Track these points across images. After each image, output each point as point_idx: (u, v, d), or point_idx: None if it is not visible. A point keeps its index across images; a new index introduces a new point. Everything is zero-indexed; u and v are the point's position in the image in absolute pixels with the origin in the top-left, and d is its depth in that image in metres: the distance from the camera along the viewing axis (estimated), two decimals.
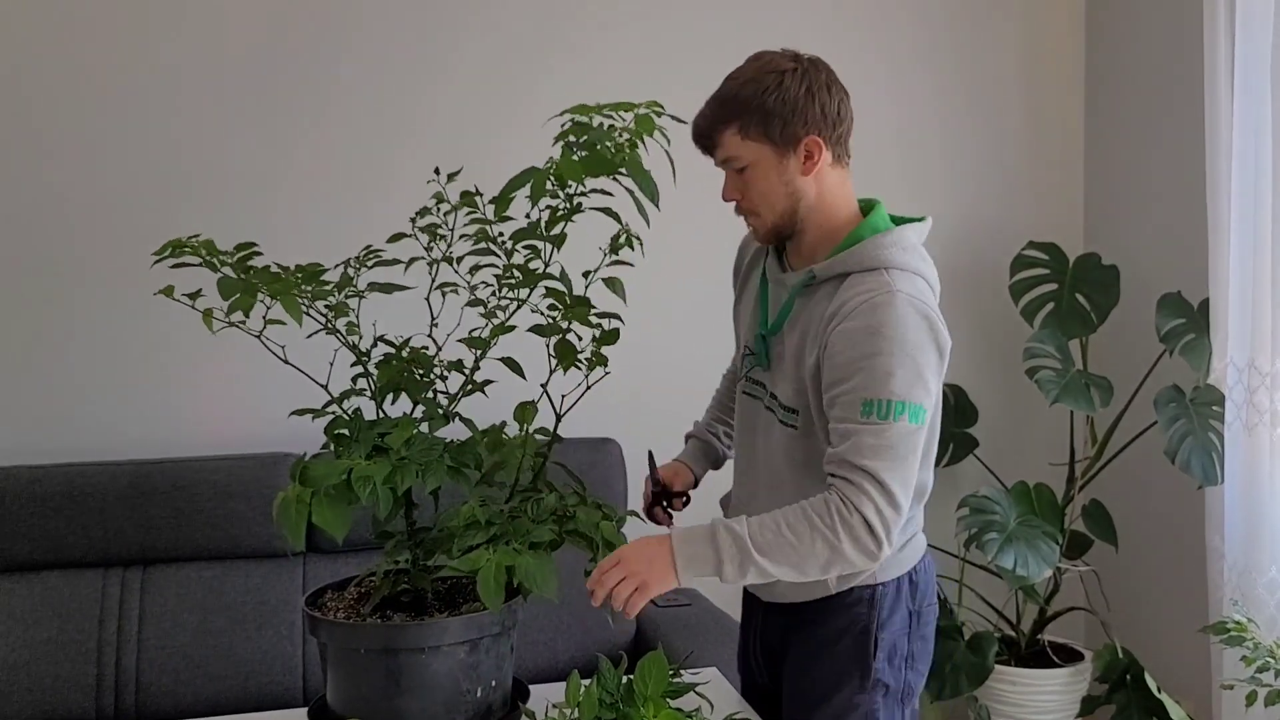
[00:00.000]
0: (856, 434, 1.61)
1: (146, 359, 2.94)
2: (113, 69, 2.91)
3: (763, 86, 1.72)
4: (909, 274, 1.71)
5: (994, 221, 3.51)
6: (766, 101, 1.71)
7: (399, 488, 1.69)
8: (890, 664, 1.83)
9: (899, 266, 1.70)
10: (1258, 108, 2.71)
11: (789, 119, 1.72)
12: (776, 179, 1.75)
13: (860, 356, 1.62)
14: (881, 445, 1.60)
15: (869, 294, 1.65)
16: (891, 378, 1.60)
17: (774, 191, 1.76)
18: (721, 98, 1.76)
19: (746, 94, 1.73)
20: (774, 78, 1.72)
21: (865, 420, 1.61)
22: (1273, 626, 2.70)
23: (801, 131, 1.73)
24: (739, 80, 1.76)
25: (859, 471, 1.61)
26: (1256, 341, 2.75)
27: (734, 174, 1.78)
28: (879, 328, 1.62)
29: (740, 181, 1.77)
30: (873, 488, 1.60)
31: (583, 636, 2.79)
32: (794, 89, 1.72)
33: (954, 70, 3.47)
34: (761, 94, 1.72)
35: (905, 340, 1.62)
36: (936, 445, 1.79)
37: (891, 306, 1.63)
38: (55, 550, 2.65)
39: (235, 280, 1.76)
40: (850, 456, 1.61)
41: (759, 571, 1.61)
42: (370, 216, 2.44)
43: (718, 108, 1.76)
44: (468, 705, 1.73)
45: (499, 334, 1.85)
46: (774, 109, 1.71)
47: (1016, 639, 3.25)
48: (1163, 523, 3.30)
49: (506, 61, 3.13)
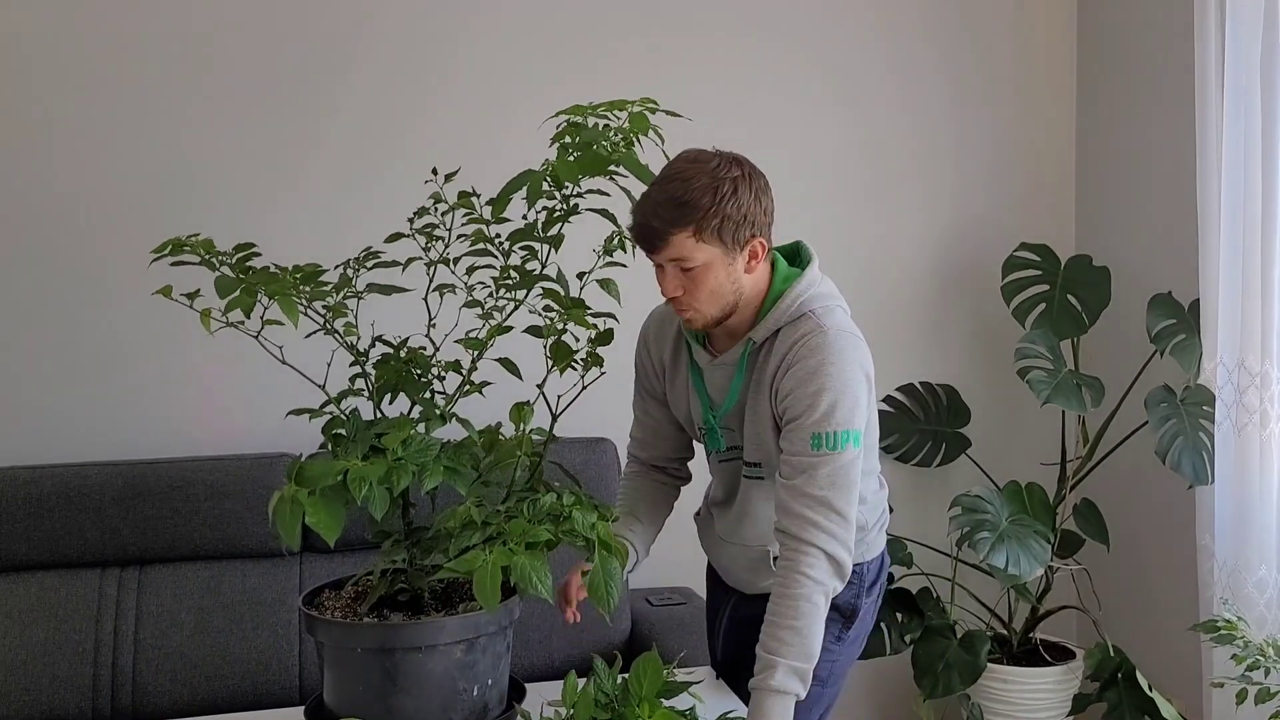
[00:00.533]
0: (810, 467, 1.81)
1: (143, 359, 2.94)
2: (112, 68, 2.91)
3: (720, 194, 1.79)
4: (828, 309, 1.90)
5: (986, 223, 3.53)
6: (725, 208, 1.80)
7: (395, 488, 1.69)
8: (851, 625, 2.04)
9: (820, 305, 1.89)
10: (1248, 109, 2.73)
11: (741, 224, 1.82)
12: (725, 278, 1.84)
13: (807, 395, 1.81)
14: (832, 473, 1.80)
15: (804, 338, 1.85)
16: (836, 409, 1.81)
17: (721, 289, 1.85)
18: (677, 201, 1.79)
19: (705, 201, 1.79)
20: (729, 185, 1.81)
21: (816, 453, 1.81)
22: (1262, 625, 2.71)
23: (749, 234, 1.84)
24: (691, 184, 1.80)
25: (812, 500, 1.79)
26: (1246, 342, 2.77)
27: (678, 271, 1.83)
28: (819, 367, 1.82)
29: (685, 279, 1.83)
30: (823, 516, 1.79)
31: (578, 635, 2.79)
32: (746, 197, 1.82)
33: (945, 72, 3.49)
34: (719, 201, 1.79)
35: (843, 374, 1.82)
36: (876, 431, 2.00)
37: (826, 346, 1.83)
38: (52, 550, 2.65)
39: (234, 280, 1.77)
40: (806, 487, 1.80)
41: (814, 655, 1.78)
42: (369, 218, 2.45)
43: (674, 210, 1.79)
44: (464, 704, 1.74)
45: (496, 335, 1.86)
46: (731, 214, 1.80)
47: (1009, 637, 3.27)
48: (1154, 522, 3.31)
49: (505, 63, 3.13)
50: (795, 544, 1.79)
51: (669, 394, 2.07)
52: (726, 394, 1.94)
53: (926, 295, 3.50)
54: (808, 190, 3.33)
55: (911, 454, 3.39)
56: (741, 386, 1.92)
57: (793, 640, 1.75)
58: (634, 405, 2.17)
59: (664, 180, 1.82)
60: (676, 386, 2.04)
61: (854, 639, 2.05)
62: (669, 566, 2.91)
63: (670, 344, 2.04)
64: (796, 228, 2.10)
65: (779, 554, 1.84)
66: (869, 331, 1.94)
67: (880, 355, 1.97)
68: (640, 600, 2.96)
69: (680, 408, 2.06)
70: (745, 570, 2.07)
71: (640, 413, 2.15)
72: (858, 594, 2.01)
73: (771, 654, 1.75)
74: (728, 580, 2.15)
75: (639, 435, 2.17)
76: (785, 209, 3.35)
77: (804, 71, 3.36)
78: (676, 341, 2.03)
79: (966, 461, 3.42)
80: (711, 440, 2.01)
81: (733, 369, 1.93)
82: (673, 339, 2.04)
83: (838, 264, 3.31)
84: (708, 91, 3.21)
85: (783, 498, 1.83)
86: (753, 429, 1.92)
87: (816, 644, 1.77)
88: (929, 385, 3.44)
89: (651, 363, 2.08)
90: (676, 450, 2.16)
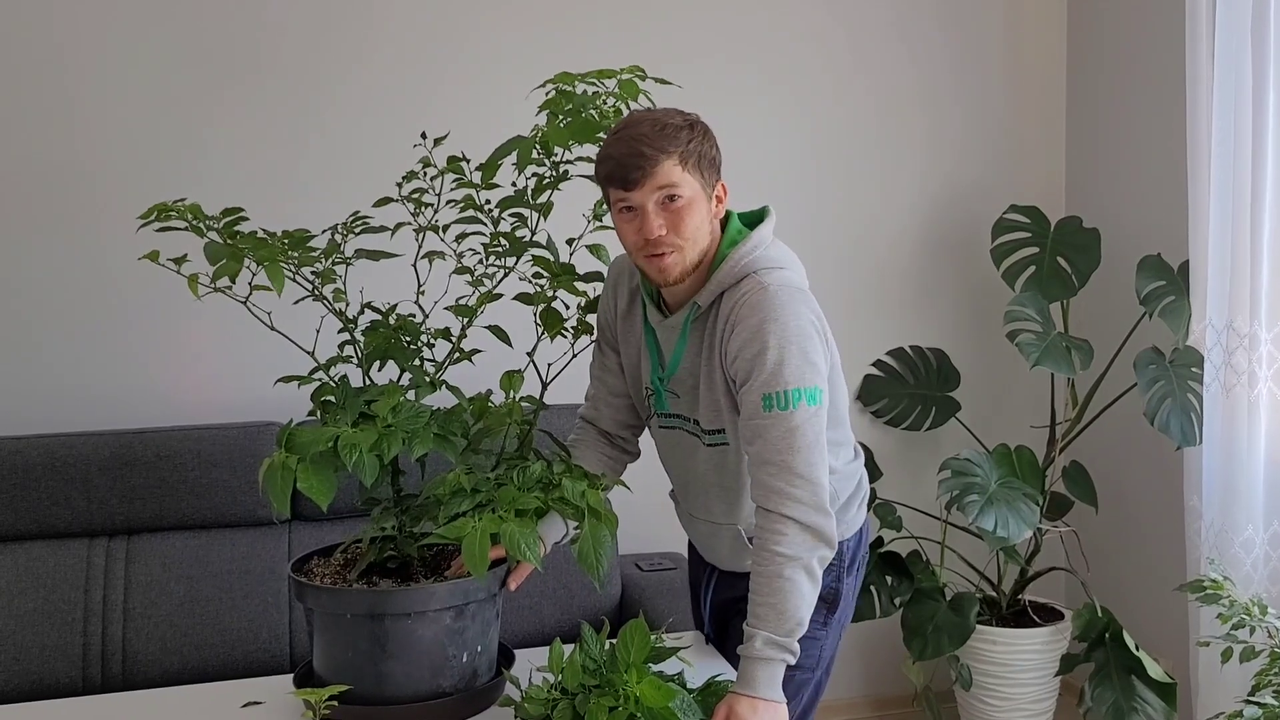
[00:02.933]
0: (765, 430, 1.75)
1: (130, 327, 2.92)
2: (97, 35, 2.87)
3: (695, 131, 1.80)
4: (772, 270, 1.83)
5: (976, 185, 3.52)
6: (702, 145, 1.80)
7: (385, 455, 1.69)
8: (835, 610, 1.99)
9: (763, 266, 1.83)
10: (1237, 72, 2.72)
11: (712, 163, 1.82)
12: (704, 216, 1.82)
13: (752, 355, 1.75)
14: (787, 434, 1.74)
15: (744, 296, 1.79)
16: (783, 367, 1.74)
17: (701, 229, 1.81)
18: (661, 129, 1.77)
19: (685, 135, 1.78)
20: (700, 127, 1.81)
21: (768, 414, 1.74)
22: (1248, 584, 2.73)
23: (715, 178, 1.84)
24: (667, 121, 1.78)
25: (772, 467, 1.74)
26: (1235, 303, 2.77)
27: (659, 209, 1.78)
28: (761, 324, 1.75)
29: (669, 216, 1.78)
30: (785, 482, 1.74)
31: (567, 601, 2.80)
32: (711, 139, 1.83)
33: (936, 34, 3.46)
34: (697, 136, 1.79)
35: (787, 329, 1.75)
36: (844, 400, 1.95)
37: (767, 303, 1.76)
38: (39, 521, 2.64)
39: (222, 246, 1.75)
40: (764, 453, 1.75)
41: (800, 624, 1.74)
42: (357, 183, 2.43)
43: (661, 137, 1.76)
44: (453, 670, 1.74)
45: (486, 302, 1.85)
46: (705, 152, 1.80)
47: (997, 599, 3.29)
48: (1142, 483, 3.33)
49: (494, 29, 3.10)
50: (764, 517, 1.75)
51: (621, 347, 2.02)
52: (671, 357, 1.90)
53: (916, 258, 3.49)
54: (798, 155, 3.32)
55: (901, 418, 3.40)
56: (686, 351, 1.88)
57: (771, 616, 1.72)
58: (591, 364, 2.09)
59: (634, 122, 1.79)
60: (629, 341, 1.99)
61: (839, 621, 2.02)
62: (659, 532, 2.92)
63: (626, 295, 1.99)
64: (786, 193, 2.09)
65: (755, 526, 1.79)
66: (859, 296, 1.93)
67: (869, 319, 1.96)
68: (630, 566, 2.97)
69: (630, 363, 2.00)
70: (721, 548, 2.03)
71: (598, 368, 2.07)
72: (838, 577, 1.97)
73: (753, 627, 1.73)
74: (707, 557, 2.12)
75: (594, 394, 2.08)
76: (775, 175, 3.35)
77: (793, 39, 3.34)
78: (632, 295, 1.98)
79: (956, 425, 3.42)
80: (657, 402, 1.96)
81: (678, 332, 1.89)
82: (629, 291, 1.98)
83: (828, 229, 3.34)
84: (697, 56, 3.19)
85: (749, 468, 1.79)
86: (709, 397, 1.87)
87: (802, 612, 1.74)
88: (918, 349, 3.44)
89: (610, 310, 2.02)
90: (631, 414, 2.08)
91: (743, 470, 1.89)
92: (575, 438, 2.08)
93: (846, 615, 2.04)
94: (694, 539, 2.15)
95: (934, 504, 3.25)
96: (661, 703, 1.61)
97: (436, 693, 1.73)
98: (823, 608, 1.89)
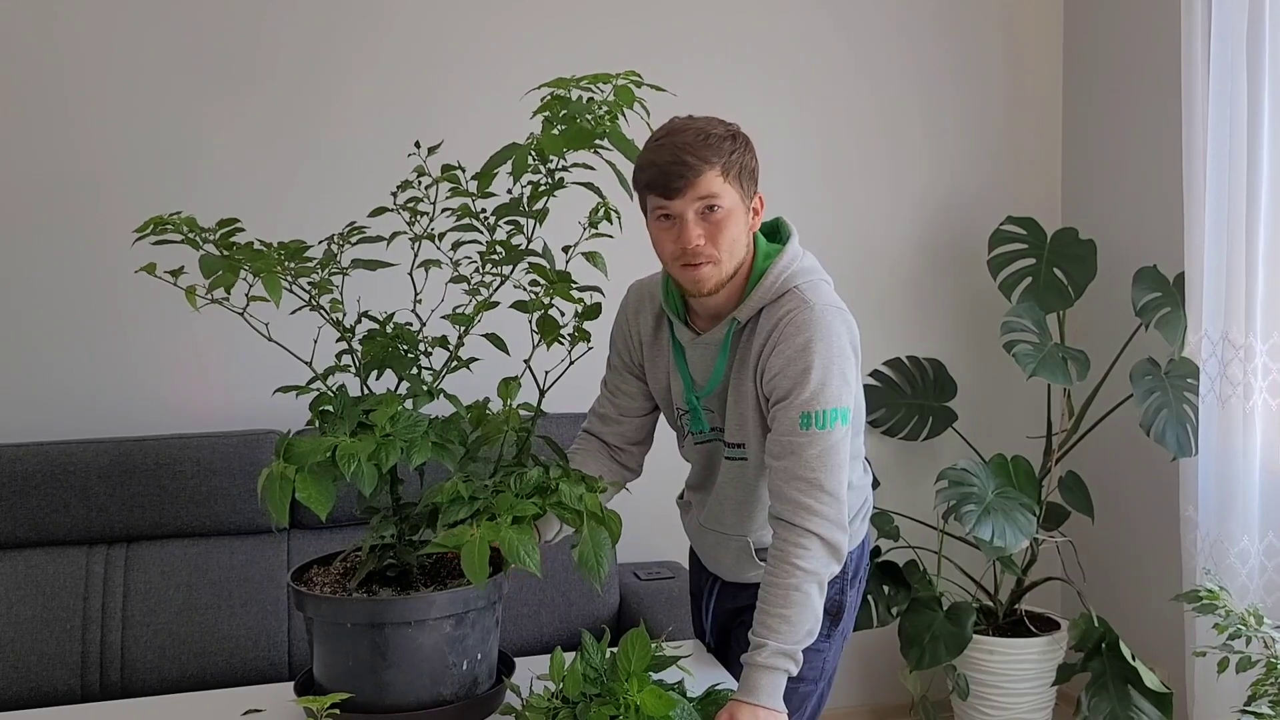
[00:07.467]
0: (800, 447, 1.77)
1: (129, 336, 2.93)
2: (93, 46, 2.88)
3: (738, 142, 1.81)
4: (813, 283, 1.86)
5: (973, 196, 3.53)
6: (743, 156, 1.81)
7: (383, 464, 1.69)
8: (838, 622, 2.01)
9: (804, 281, 1.85)
10: (1233, 84, 2.73)
11: (752, 176, 1.84)
12: (742, 229, 1.83)
13: (797, 374, 1.78)
14: (823, 454, 1.77)
15: (789, 314, 1.81)
16: (825, 388, 1.77)
17: (739, 240, 1.82)
18: (705, 138, 1.78)
19: (728, 145, 1.79)
20: (742, 138, 1.82)
21: (805, 432, 1.77)
22: (1244, 595, 2.74)
23: (754, 190, 1.85)
24: (710, 131, 1.79)
25: (803, 482, 1.76)
26: (1230, 315, 2.78)
27: (699, 218, 1.78)
28: (807, 344, 1.78)
29: (707, 226, 1.79)
30: (814, 499, 1.76)
31: (567, 609, 2.81)
32: (752, 152, 1.84)
33: (934, 47, 3.48)
34: (739, 148, 1.81)
35: (831, 350, 1.79)
36: (862, 415, 1.97)
37: (814, 322, 1.80)
38: (38, 528, 2.64)
39: (217, 259, 1.76)
40: (795, 468, 1.77)
41: (809, 635, 1.76)
42: (353, 192, 2.44)
43: (705, 147, 1.77)
44: (453, 678, 1.74)
45: (483, 310, 1.85)
46: (747, 164, 1.82)
47: (994, 609, 3.29)
48: (1138, 494, 3.34)
49: (489, 37, 3.12)
50: (788, 530, 1.76)
51: (648, 372, 2.03)
52: (710, 374, 1.91)
53: (913, 269, 3.50)
54: (795, 165, 3.33)
55: (898, 428, 3.41)
56: (726, 367, 1.89)
57: (782, 627, 1.73)
58: (604, 380, 2.10)
59: (678, 130, 1.80)
60: (657, 364, 2.01)
61: (842, 632, 2.03)
62: (657, 541, 2.92)
63: (651, 319, 2.00)
64: (784, 203, 2.10)
65: (773, 538, 1.80)
66: (856, 306, 1.93)
67: (867, 329, 1.96)
68: (629, 575, 2.98)
69: (659, 387, 2.02)
70: (726, 559, 2.04)
71: (611, 387, 2.08)
72: (842, 589, 1.99)
73: (762, 637, 1.74)
74: (710, 568, 2.12)
75: (604, 411, 2.08)
76: (774, 184, 3.36)
77: (791, 51, 3.35)
78: (657, 318, 1.99)
79: (953, 435, 3.43)
80: (694, 422, 1.97)
81: (716, 349, 1.89)
82: (653, 315, 2.00)
83: (825, 239, 3.34)
84: (693, 63, 3.20)
85: (774, 481, 1.80)
86: (736, 410, 1.89)
87: (811, 625, 1.76)
88: (915, 359, 3.45)
89: (632, 336, 2.04)
90: (639, 433, 2.09)
91: (759, 485, 1.91)
92: (577, 448, 2.09)
93: (849, 626, 2.05)
94: (699, 549, 2.15)
95: (931, 514, 3.26)
96: (662, 711, 1.61)
97: (437, 700, 1.74)
98: (826, 619, 1.89)
